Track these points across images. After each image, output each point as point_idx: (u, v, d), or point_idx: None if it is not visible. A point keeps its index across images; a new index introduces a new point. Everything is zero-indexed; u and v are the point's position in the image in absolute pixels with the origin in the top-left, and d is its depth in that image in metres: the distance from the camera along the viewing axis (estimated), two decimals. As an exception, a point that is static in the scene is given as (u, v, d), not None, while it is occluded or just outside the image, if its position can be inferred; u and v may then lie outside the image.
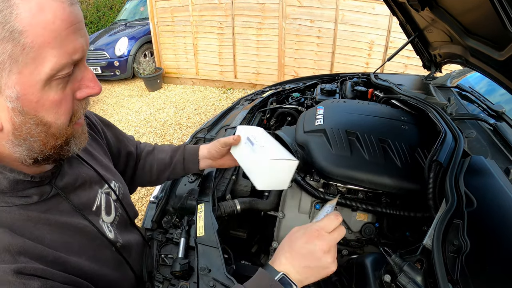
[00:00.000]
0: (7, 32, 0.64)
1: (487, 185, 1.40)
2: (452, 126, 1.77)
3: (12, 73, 0.68)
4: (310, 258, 0.93)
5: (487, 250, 1.16)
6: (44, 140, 0.79)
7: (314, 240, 0.94)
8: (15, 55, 0.67)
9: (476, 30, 1.74)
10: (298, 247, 0.94)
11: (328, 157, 1.74)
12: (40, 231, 0.83)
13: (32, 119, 0.74)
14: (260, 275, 0.93)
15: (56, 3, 0.70)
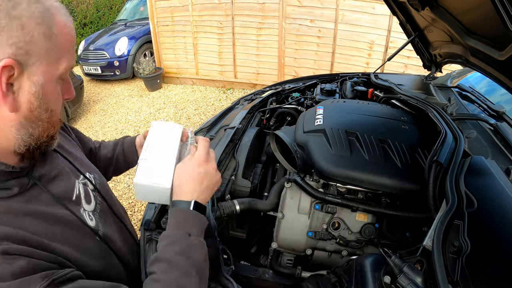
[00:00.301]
0: (49, 32, 0.81)
1: (488, 185, 1.40)
2: (453, 126, 1.77)
3: (43, 65, 0.82)
4: (207, 179, 1.09)
5: (488, 251, 1.15)
6: (45, 127, 0.90)
7: (204, 164, 1.10)
8: (49, 51, 0.83)
9: (477, 29, 1.73)
10: (196, 175, 1.07)
11: (328, 157, 1.74)
12: (21, 221, 0.86)
13: (43, 105, 0.86)
14: (176, 214, 1.04)
15: (70, 22, 0.91)
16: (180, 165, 1.11)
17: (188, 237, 0.99)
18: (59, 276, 0.81)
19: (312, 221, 1.77)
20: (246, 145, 2.22)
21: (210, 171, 1.10)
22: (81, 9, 12.07)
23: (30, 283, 0.76)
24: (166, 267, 0.93)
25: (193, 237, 1.00)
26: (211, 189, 1.12)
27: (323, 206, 1.75)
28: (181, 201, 1.05)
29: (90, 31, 11.89)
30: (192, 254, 0.98)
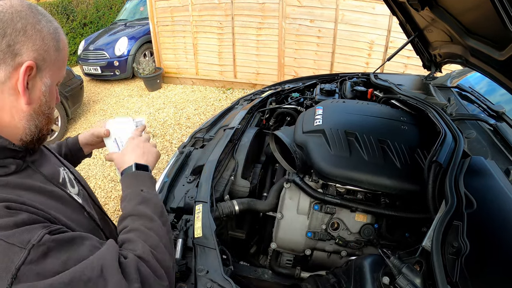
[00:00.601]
0: (57, 46, 1.02)
1: (487, 186, 1.39)
2: (452, 126, 1.76)
3: (51, 70, 1.02)
4: (140, 147, 1.30)
5: (487, 252, 1.15)
6: (46, 121, 1.06)
7: (134, 139, 1.34)
8: (56, 61, 1.02)
9: (476, 29, 1.73)
10: (130, 148, 1.30)
11: (327, 157, 1.73)
12: (18, 194, 0.94)
13: (48, 103, 1.05)
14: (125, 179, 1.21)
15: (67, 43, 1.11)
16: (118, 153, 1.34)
17: (141, 192, 1.15)
18: (57, 227, 0.92)
19: (311, 222, 1.77)
20: (245, 146, 2.22)
21: (139, 143, 1.31)
22: (81, 9, 12.06)
23: (32, 230, 0.85)
24: (132, 218, 1.08)
25: (145, 191, 1.16)
26: (148, 155, 1.30)
27: (322, 206, 1.75)
28: (125, 168, 1.23)
29: (90, 31, 11.88)
30: (149, 203, 1.13)
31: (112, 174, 5.10)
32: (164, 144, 5.82)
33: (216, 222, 1.60)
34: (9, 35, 0.90)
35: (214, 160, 1.96)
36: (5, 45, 0.90)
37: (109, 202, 4.52)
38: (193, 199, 1.74)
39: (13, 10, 0.92)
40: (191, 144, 2.49)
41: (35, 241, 0.83)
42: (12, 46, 0.91)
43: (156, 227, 1.08)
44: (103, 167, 5.29)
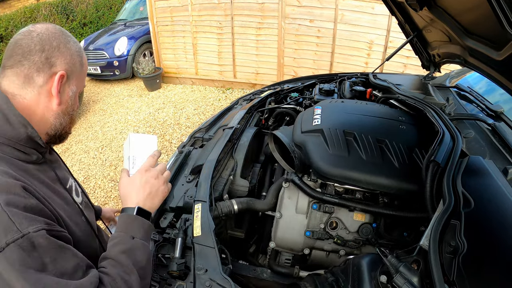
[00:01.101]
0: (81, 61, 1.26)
1: (485, 185, 1.40)
2: (450, 126, 1.77)
3: (76, 80, 1.25)
4: (148, 186, 1.28)
5: (484, 251, 1.15)
6: (69, 121, 1.28)
7: (145, 173, 1.30)
8: (80, 73, 1.26)
9: (475, 30, 1.74)
10: (138, 184, 1.28)
11: (325, 157, 1.74)
12: (32, 182, 1.10)
13: (72, 106, 1.27)
14: (122, 218, 1.23)
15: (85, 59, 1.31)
16: (125, 179, 1.31)
17: (131, 239, 1.18)
18: (57, 229, 1.04)
19: (310, 221, 1.78)
20: (244, 145, 2.22)
21: (149, 180, 1.29)
22: (80, 9, 12.06)
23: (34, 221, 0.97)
24: (112, 263, 1.11)
25: (136, 240, 1.19)
26: (154, 197, 1.30)
27: (320, 205, 1.75)
28: (127, 208, 1.25)
29: (89, 31, 11.87)
30: (134, 254, 1.16)
31: (112, 174, 5.10)
32: (163, 144, 5.83)
33: (215, 221, 1.61)
34: (47, 50, 1.15)
35: (213, 160, 1.96)
36: (44, 58, 1.14)
37: (109, 202, 4.52)
38: (192, 198, 1.75)
39: (49, 32, 1.17)
40: (190, 144, 2.49)
41: (32, 230, 0.94)
42: (49, 59, 1.15)
43: (131, 280, 1.11)
44: (103, 167, 5.30)
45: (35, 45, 1.13)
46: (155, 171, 1.32)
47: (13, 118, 1.10)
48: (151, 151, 1.37)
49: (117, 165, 5.31)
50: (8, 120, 1.09)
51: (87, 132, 6.48)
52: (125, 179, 1.31)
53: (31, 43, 1.13)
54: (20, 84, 1.14)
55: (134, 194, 1.26)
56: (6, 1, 13.31)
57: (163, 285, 1.42)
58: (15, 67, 1.13)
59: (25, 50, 1.13)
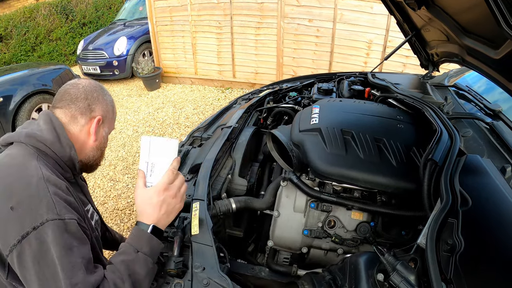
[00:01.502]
0: (112, 111, 1.57)
1: (483, 184, 1.40)
2: (448, 125, 1.77)
3: (108, 123, 1.55)
4: (165, 206, 1.33)
5: (482, 250, 1.15)
6: (100, 154, 1.56)
7: (163, 193, 1.32)
8: (111, 119, 1.57)
9: (473, 29, 1.74)
10: (155, 202, 1.31)
11: (323, 156, 1.74)
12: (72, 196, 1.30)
13: (104, 143, 1.56)
14: (135, 232, 1.29)
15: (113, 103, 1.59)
16: (143, 191, 1.34)
17: (135, 253, 1.25)
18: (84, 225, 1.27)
19: (308, 220, 1.78)
20: (242, 144, 2.22)
21: (167, 199, 1.33)
22: (80, 8, 12.06)
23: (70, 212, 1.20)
24: (112, 269, 1.21)
25: (140, 254, 1.25)
26: (169, 214, 1.36)
27: (318, 204, 1.76)
28: (142, 223, 1.31)
29: (89, 31, 11.87)
30: (133, 266, 1.23)
31: (112, 173, 5.11)
32: (163, 144, 5.81)
33: (213, 220, 1.61)
34: (89, 99, 1.45)
35: (211, 159, 1.96)
36: (87, 105, 1.44)
37: (108, 201, 4.52)
38: (191, 197, 1.75)
39: (91, 85, 1.48)
40: (189, 143, 2.49)
41: (67, 217, 1.17)
42: (91, 106, 1.45)
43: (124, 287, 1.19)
44: (102, 166, 5.29)
45: (80, 94, 1.44)
46: (173, 189, 1.35)
47: (63, 140, 1.37)
48: (171, 158, 1.37)
49: (116, 164, 5.31)
50: (59, 140, 1.36)
51: (87, 132, 6.45)
52: (142, 191, 1.34)
53: (77, 92, 1.44)
54: (67, 121, 1.42)
55: (150, 212, 1.31)
56: (6, 1, 13.30)
57: (161, 283, 1.42)
58: (64, 108, 1.43)
59: (73, 97, 1.43)
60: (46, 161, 1.31)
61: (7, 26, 10.40)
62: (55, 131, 1.36)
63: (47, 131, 1.35)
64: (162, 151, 1.37)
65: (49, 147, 1.33)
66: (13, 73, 5.91)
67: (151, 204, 1.31)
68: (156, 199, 1.31)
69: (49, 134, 1.34)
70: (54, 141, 1.34)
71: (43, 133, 1.34)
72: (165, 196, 1.32)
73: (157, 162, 1.37)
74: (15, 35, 10.50)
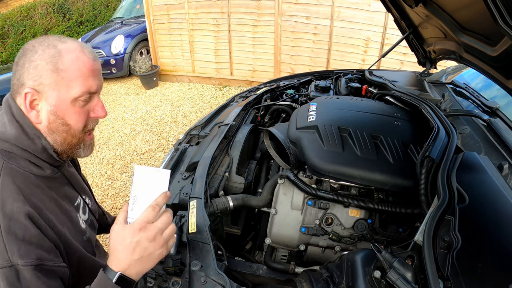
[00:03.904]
0: (55, 68, 1.11)
1: (480, 181, 1.40)
2: (446, 122, 1.77)
3: (54, 91, 1.13)
4: (139, 250, 1.04)
5: (478, 247, 1.15)
6: (65, 136, 1.21)
7: (138, 233, 1.04)
8: (57, 81, 1.13)
9: (470, 26, 1.74)
10: (127, 243, 1.04)
11: (320, 153, 1.74)
12: (43, 197, 1.17)
13: (60, 120, 1.18)
14: (101, 279, 1.04)
15: (85, 57, 1.16)
16: (118, 227, 1.08)
17: None
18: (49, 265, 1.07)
19: (305, 217, 1.78)
20: (240, 142, 2.22)
21: (142, 242, 1.05)
22: (77, 7, 12.02)
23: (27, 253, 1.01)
24: None
25: None
26: (145, 262, 1.07)
27: (315, 202, 1.76)
28: (108, 269, 1.05)
29: (86, 30, 11.84)
30: None
31: (109, 172, 5.10)
32: (160, 142, 5.82)
33: (211, 218, 1.61)
34: (17, 71, 1.14)
35: (208, 157, 1.96)
36: (16, 80, 1.14)
37: (106, 199, 4.52)
38: (188, 195, 1.75)
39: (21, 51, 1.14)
40: (186, 141, 2.49)
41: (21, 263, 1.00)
42: (20, 80, 1.13)
43: None
44: (100, 165, 5.29)
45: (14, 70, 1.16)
46: (153, 230, 1.07)
47: (28, 129, 1.16)
48: (158, 192, 1.13)
49: (114, 163, 5.31)
50: (24, 131, 1.15)
51: (84, 131, 6.45)
52: (118, 227, 1.09)
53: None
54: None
55: (121, 255, 1.05)
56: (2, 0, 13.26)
57: (159, 281, 1.42)
58: None
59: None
60: (18, 165, 1.12)
61: (4, 25, 10.35)
62: (16, 121, 1.14)
63: (9, 124, 1.14)
64: (149, 183, 1.14)
65: (16, 145, 1.12)
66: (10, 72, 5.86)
67: (123, 245, 1.04)
68: (129, 240, 1.04)
69: (11, 127, 1.13)
70: (18, 134, 1.13)
71: (6, 128, 1.14)
72: (140, 237, 1.04)
73: (141, 195, 1.14)
74: (12, 34, 10.45)
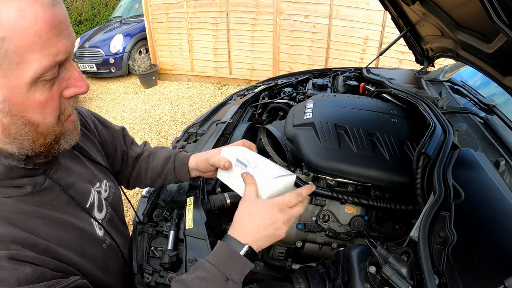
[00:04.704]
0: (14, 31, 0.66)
1: (476, 177, 1.40)
2: (442, 119, 1.77)
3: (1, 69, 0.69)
4: (272, 228, 1.00)
5: (474, 242, 1.16)
6: (33, 138, 0.81)
7: (277, 212, 1.01)
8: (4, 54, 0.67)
9: (466, 23, 1.74)
10: (265, 218, 1.00)
11: (316, 150, 1.74)
12: (33, 223, 0.86)
13: (19, 120, 0.76)
14: (224, 250, 0.97)
15: (36, 6, 0.69)
16: (253, 202, 1.05)
17: (225, 282, 0.93)
18: (63, 285, 0.83)
19: (302, 214, 1.78)
20: (237, 140, 2.22)
21: (277, 222, 1.01)
22: (76, 6, 12.02)
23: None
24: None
25: (230, 283, 0.94)
26: (269, 240, 1.03)
27: (312, 198, 1.76)
28: (235, 239, 0.99)
29: (85, 29, 11.86)
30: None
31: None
32: (159, 140, 5.83)
33: (208, 215, 1.61)
34: None
35: (206, 154, 1.96)
36: None
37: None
38: (185, 192, 1.75)
39: None
40: (184, 139, 2.49)
41: None
42: None
43: None
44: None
45: None
46: (288, 215, 1.05)
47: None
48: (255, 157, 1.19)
49: (113, 162, 5.30)
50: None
51: (83, 129, 6.45)
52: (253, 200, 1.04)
53: None
54: None
55: (252, 228, 1.00)
56: None
57: (156, 277, 1.42)
58: None
59: None
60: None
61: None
62: None
63: None
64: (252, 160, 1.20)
65: None
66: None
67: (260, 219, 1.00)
68: (267, 215, 1.00)
69: None
70: None
71: None
72: (278, 217, 1.01)
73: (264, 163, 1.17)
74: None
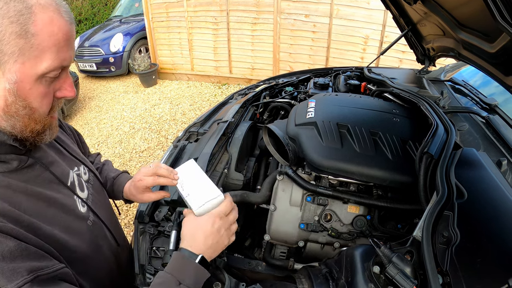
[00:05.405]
0: (23, 31, 0.82)
1: (478, 177, 1.40)
2: (444, 118, 1.77)
3: (17, 63, 0.84)
4: (217, 236, 1.13)
5: (477, 242, 1.15)
6: (26, 122, 0.94)
7: (219, 221, 1.14)
8: (24, 50, 0.84)
9: (468, 23, 1.74)
10: (208, 229, 1.12)
11: (319, 149, 1.74)
12: (18, 198, 0.94)
13: (21, 102, 0.90)
14: (178, 259, 1.09)
15: (62, 20, 0.89)
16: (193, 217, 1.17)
17: (177, 285, 1.03)
18: (45, 273, 0.88)
19: (304, 213, 1.78)
20: (239, 139, 2.22)
21: (220, 230, 1.14)
22: (76, 5, 12.03)
23: (15, 273, 0.83)
24: None
25: (183, 286, 1.04)
26: (217, 248, 1.15)
27: (314, 198, 1.76)
28: (189, 251, 1.10)
29: (85, 28, 11.86)
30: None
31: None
32: (159, 140, 5.82)
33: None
34: None
35: (207, 153, 1.96)
36: None
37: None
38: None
39: None
40: (185, 138, 2.49)
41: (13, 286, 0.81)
42: None
43: None
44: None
45: None
46: (227, 221, 1.18)
47: None
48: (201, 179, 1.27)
49: (113, 161, 5.30)
50: None
51: (83, 129, 6.46)
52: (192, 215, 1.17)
53: None
54: None
55: (200, 239, 1.12)
56: None
57: (158, 278, 1.42)
58: None
59: None
60: None
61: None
62: None
63: None
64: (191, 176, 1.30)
65: None
66: None
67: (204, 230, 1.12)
68: (209, 226, 1.13)
69: None
70: None
71: None
72: (219, 225, 1.14)
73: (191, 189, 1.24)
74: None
